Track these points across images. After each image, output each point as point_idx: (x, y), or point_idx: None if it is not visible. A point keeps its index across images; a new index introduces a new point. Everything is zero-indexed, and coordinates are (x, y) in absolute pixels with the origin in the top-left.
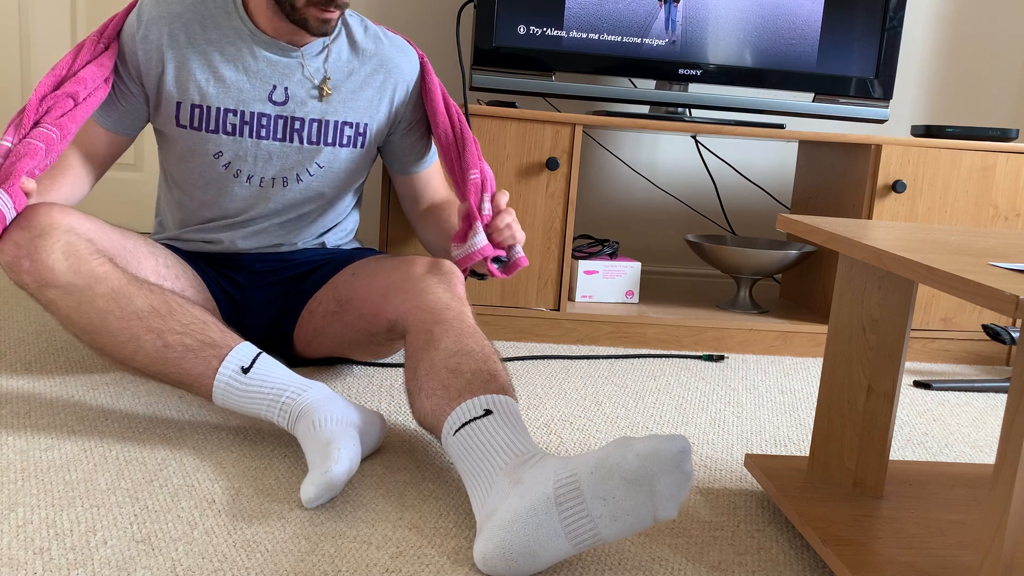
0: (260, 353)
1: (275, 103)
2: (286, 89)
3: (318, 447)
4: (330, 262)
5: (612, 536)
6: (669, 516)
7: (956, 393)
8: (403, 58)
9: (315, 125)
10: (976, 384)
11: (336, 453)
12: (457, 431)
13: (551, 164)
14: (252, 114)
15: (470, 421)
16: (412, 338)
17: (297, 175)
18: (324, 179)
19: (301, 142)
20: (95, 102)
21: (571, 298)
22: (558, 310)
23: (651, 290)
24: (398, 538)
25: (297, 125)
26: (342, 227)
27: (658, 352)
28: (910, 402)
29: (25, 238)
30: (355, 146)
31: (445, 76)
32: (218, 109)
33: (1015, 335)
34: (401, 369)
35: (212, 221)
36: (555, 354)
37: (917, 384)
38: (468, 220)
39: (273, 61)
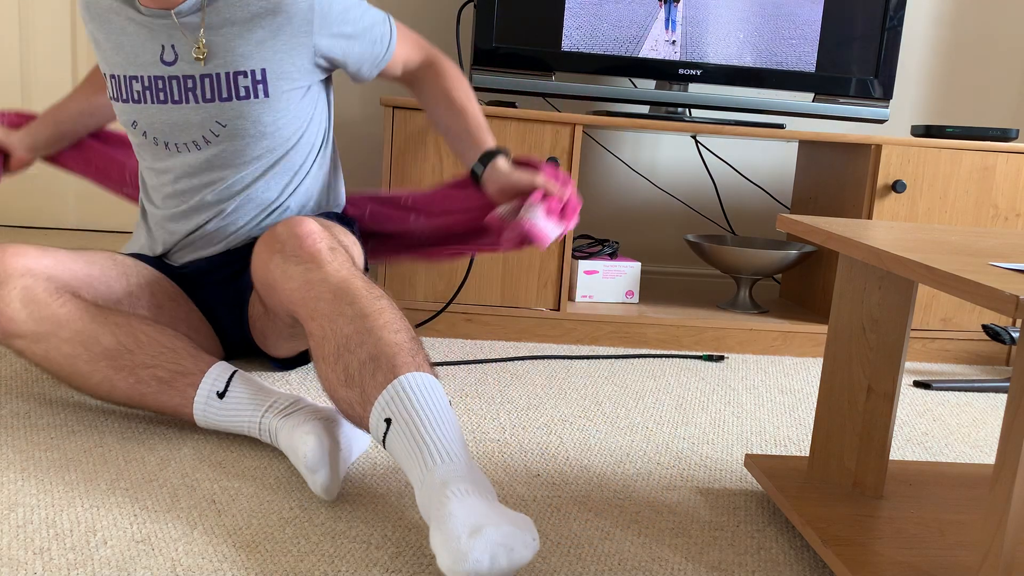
0: (234, 373)
1: (166, 63)
2: (173, 47)
3: (292, 450)
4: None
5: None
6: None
7: (956, 393)
8: None
9: (206, 81)
10: (976, 384)
11: (301, 439)
12: (384, 447)
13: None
14: (149, 78)
15: (384, 438)
16: (308, 341)
17: (203, 137)
18: (238, 137)
19: (197, 100)
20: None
21: (571, 298)
22: (558, 310)
23: (651, 290)
24: (398, 538)
25: (190, 84)
26: (296, 198)
27: (658, 352)
28: (910, 402)
29: None
30: (256, 96)
31: None
32: (124, 77)
33: (1015, 335)
34: None
35: (171, 215)
36: (555, 354)
37: (917, 384)
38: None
39: (157, 23)
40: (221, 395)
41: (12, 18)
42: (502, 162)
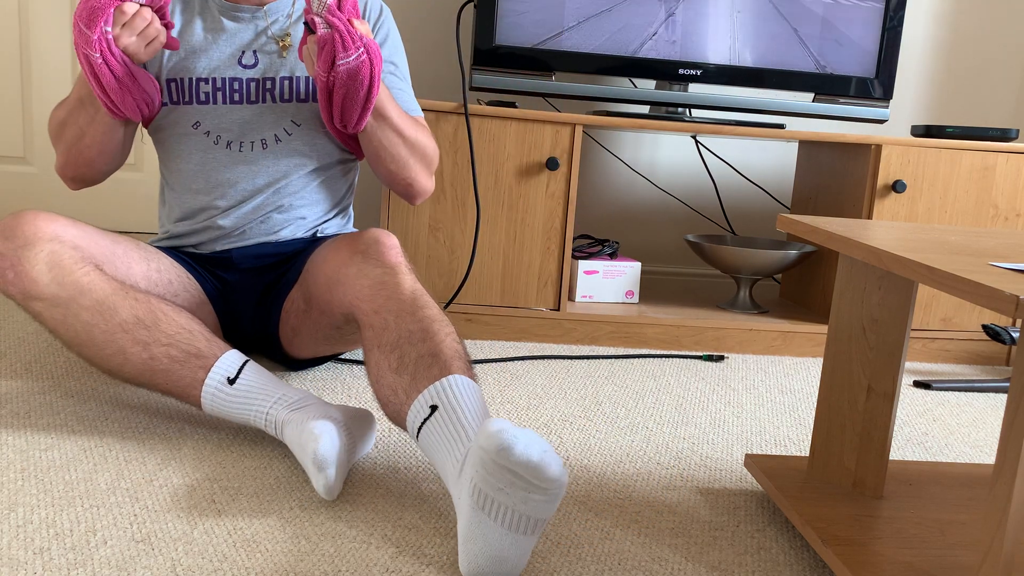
0: (247, 362)
1: (245, 66)
2: (255, 52)
3: (299, 445)
4: (304, 253)
5: (541, 512)
6: (556, 477)
7: (956, 393)
8: (365, 7)
9: (285, 83)
10: (976, 384)
11: (312, 434)
12: (418, 436)
13: (551, 164)
14: (224, 80)
15: (423, 424)
16: (362, 333)
17: (275, 135)
18: (303, 139)
19: (274, 100)
20: None
21: (571, 298)
22: (558, 310)
23: (651, 290)
24: (398, 538)
25: (268, 85)
26: (333, 209)
27: (658, 352)
28: (910, 402)
29: (9, 248)
30: None
31: (445, 76)
32: (191, 80)
33: (1015, 335)
34: None
35: (203, 211)
36: (555, 354)
37: (917, 384)
38: None
39: (239, 26)
40: (232, 381)
41: (12, 13)
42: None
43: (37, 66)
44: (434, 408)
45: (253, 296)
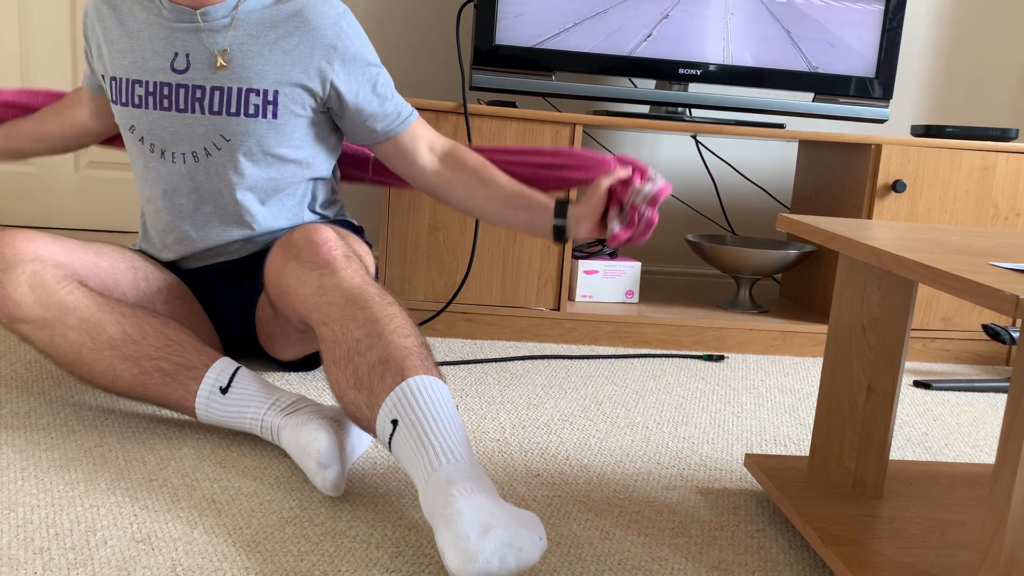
0: (238, 369)
1: (176, 71)
2: (187, 56)
3: (298, 447)
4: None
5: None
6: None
7: (956, 393)
8: (322, 20)
9: (216, 94)
10: (976, 384)
11: (312, 436)
12: (391, 449)
13: None
14: (155, 84)
15: (390, 440)
16: (318, 344)
17: (204, 148)
18: (231, 155)
19: (203, 112)
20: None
21: (571, 298)
22: (558, 310)
23: (651, 290)
24: (398, 538)
25: (198, 94)
26: (295, 218)
27: (658, 352)
28: (910, 402)
29: None
30: (264, 116)
31: (445, 76)
32: (127, 80)
33: (1015, 335)
34: None
35: (167, 224)
36: (555, 354)
37: (917, 384)
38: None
39: (174, 27)
40: (224, 390)
41: (12, 17)
42: (573, 203)
43: (37, 66)
44: (395, 422)
45: (235, 305)
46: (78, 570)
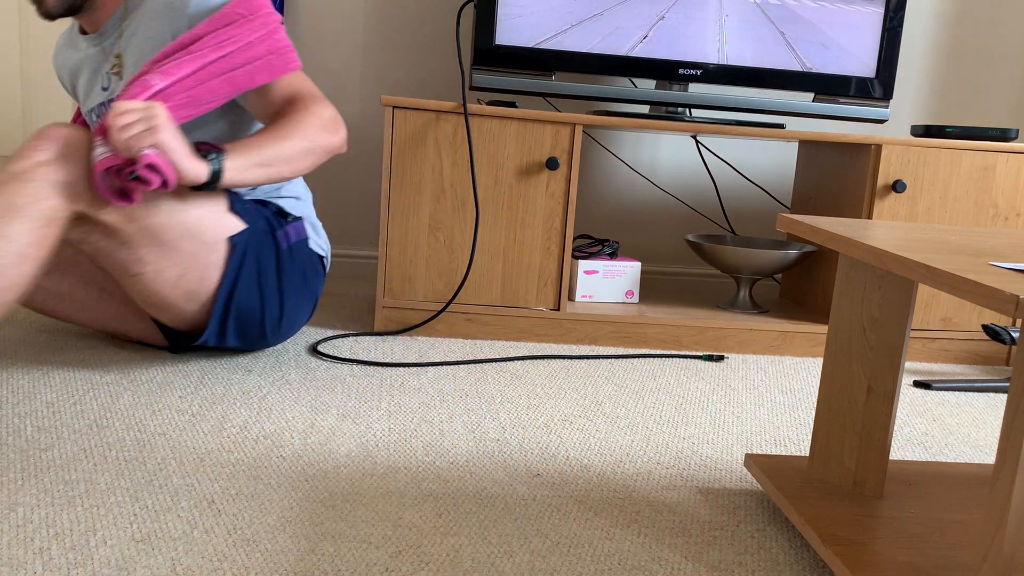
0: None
1: (104, 90)
2: (108, 74)
3: None
4: None
5: None
6: None
7: (956, 393)
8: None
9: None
10: (976, 384)
11: None
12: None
13: (551, 164)
14: (96, 108)
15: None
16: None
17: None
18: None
19: None
20: None
21: (571, 298)
22: (558, 310)
23: (651, 290)
24: (398, 538)
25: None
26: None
27: (658, 352)
28: (910, 402)
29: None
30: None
31: (445, 76)
32: (87, 112)
33: (1015, 335)
34: (401, 369)
35: None
36: (555, 354)
37: (917, 384)
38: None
39: (93, 51)
40: None
41: (12, 13)
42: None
43: (37, 66)
44: None
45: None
46: (78, 570)
